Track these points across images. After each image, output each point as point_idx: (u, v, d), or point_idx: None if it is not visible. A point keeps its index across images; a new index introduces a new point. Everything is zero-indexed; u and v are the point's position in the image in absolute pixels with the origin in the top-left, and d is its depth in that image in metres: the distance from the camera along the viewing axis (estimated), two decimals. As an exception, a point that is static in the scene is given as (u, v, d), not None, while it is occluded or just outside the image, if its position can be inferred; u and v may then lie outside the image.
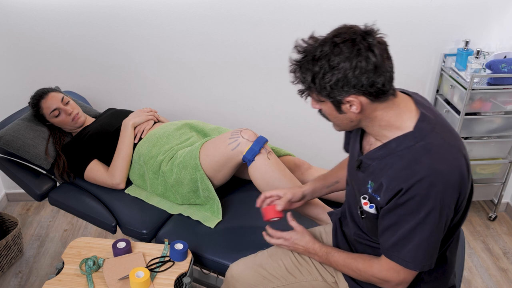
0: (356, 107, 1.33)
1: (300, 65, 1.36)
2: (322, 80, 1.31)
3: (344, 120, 1.41)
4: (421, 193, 1.30)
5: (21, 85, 2.94)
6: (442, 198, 1.30)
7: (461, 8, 2.81)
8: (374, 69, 1.28)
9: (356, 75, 1.27)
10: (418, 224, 1.33)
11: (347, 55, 1.27)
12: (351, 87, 1.29)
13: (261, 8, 2.76)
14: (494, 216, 3.23)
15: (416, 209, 1.32)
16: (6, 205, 3.37)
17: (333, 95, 1.33)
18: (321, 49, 1.31)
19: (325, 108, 1.41)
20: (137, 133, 2.42)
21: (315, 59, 1.31)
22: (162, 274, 1.82)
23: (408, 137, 1.36)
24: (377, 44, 1.29)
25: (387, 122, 1.38)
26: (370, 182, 1.45)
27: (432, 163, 1.30)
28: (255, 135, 2.10)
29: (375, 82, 1.29)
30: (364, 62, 1.27)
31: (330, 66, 1.29)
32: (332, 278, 1.76)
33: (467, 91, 2.67)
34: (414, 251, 1.37)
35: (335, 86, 1.30)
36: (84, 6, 2.71)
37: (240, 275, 1.81)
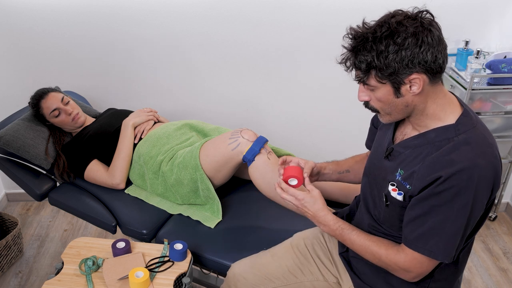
0: (418, 86, 1.32)
1: (359, 48, 1.32)
2: (386, 58, 1.28)
3: (400, 105, 1.38)
4: (460, 184, 1.29)
5: (21, 85, 2.94)
6: (478, 192, 1.30)
7: (461, 8, 2.80)
8: (438, 43, 1.28)
9: (422, 50, 1.27)
10: (451, 215, 1.33)
11: (412, 30, 1.26)
12: (417, 63, 1.28)
13: (261, 8, 2.76)
14: (494, 216, 3.23)
15: (450, 200, 1.32)
16: (6, 205, 3.37)
17: (396, 74, 1.30)
18: (380, 29, 1.29)
19: (381, 94, 1.37)
20: (137, 133, 2.42)
21: (377, 39, 1.29)
22: (161, 274, 1.82)
23: (449, 129, 1.37)
24: (434, 20, 1.31)
25: (433, 111, 1.38)
26: (399, 170, 1.45)
27: (473, 156, 1.30)
28: (255, 135, 2.10)
29: (438, 57, 1.29)
30: (429, 37, 1.27)
31: (396, 43, 1.27)
32: (334, 278, 1.76)
33: (467, 91, 2.67)
34: (445, 242, 1.36)
35: (401, 63, 1.28)
36: (84, 6, 2.71)
37: (241, 275, 1.81)
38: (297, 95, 3.06)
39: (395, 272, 1.49)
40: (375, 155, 1.61)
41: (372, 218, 1.61)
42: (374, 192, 1.59)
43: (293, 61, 2.93)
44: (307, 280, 1.76)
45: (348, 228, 1.57)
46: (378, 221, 1.58)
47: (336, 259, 1.78)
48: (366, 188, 1.65)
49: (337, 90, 2.97)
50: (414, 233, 1.40)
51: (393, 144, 1.51)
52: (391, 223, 1.53)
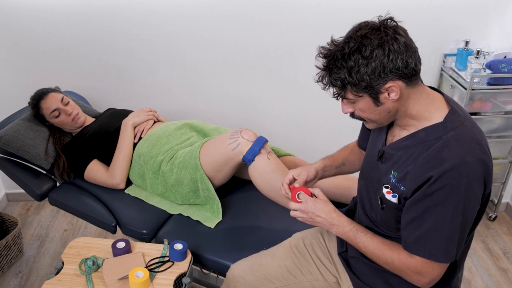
0: (395, 92, 1.34)
1: (330, 67, 1.36)
2: (358, 73, 1.31)
3: (382, 112, 1.40)
4: (452, 183, 1.30)
5: (21, 85, 2.94)
6: (470, 189, 1.31)
7: (461, 8, 2.80)
8: (405, 49, 1.30)
9: (391, 59, 1.29)
10: (446, 215, 1.33)
11: (377, 42, 1.29)
12: (388, 72, 1.30)
13: (261, 8, 2.76)
14: (494, 216, 3.23)
15: (444, 200, 1.32)
16: (6, 205, 3.37)
17: (371, 86, 1.33)
18: (348, 45, 1.32)
19: (361, 105, 1.40)
20: (137, 133, 2.42)
21: (346, 56, 1.32)
22: (161, 274, 1.82)
23: (438, 128, 1.38)
24: (400, 27, 1.34)
25: (417, 112, 1.40)
26: (393, 172, 1.45)
27: (463, 153, 1.31)
28: (255, 135, 2.10)
29: (408, 62, 1.31)
30: (395, 45, 1.29)
31: (364, 56, 1.29)
32: (333, 278, 1.76)
33: (467, 91, 2.67)
34: (444, 243, 1.37)
35: (373, 75, 1.30)
36: (84, 6, 2.71)
37: (241, 276, 1.81)
38: (297, 95, 3.06)
39: (409, 277, 1.46)
40: (369, 157, 1.62)
41: (370, 220, 1.62)
42: (370, 194, 1.59)
43: (293, 61, 2.93)
44: (306, 280, 1.76)
45: (362, 230, 1.55)
46: (375, 223, 1.59)
47: (335, 259, 1.78)
48: (363, 190, 1.65)
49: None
50: (412, 236, 1.40)
51: (384, 146, 1.52)
52: (388, 225, 1.53)
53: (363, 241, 1.53)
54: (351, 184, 2.23)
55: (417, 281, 1.45)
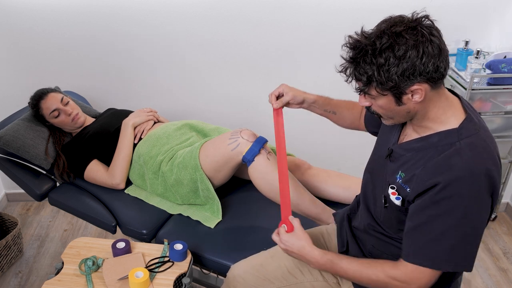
0: (419, 95, 1.30)
1: (358, 60, 1.30)
2: (387, 72, 1.26)
3: (402, 112, 1.37)
4: (460, 192, 1.28)
5: (21, 85, 2.94)
6: (480, 200, 1.29)
7: (461, 8, 2.80)
8: (439, 52, 1.26)
9: (423, 62, 1.24)
10: (452, 224, 1.31)
11: (413, 42, 1.24)
12: (418, 75, 1.26)
13: (261, 8, 2.76)
14: (494, 216, 3.23)
15: (451, 209, 1.30)
16: (6, 205, 3.37)
17: (398, 86, 1.28)
18: (380, 41, 1.26)
19: (382, 102, 1.36)
20: (137, 133, 2.42)
21: (377, 52, 1.26)
22: (161, 275, 1.82)
23: (452, 134, 1.35)
24: (435, 27, 1.29)
25: (434, 115, 1.37)
26: (400, 172, 1.44)
27: (474, 163, 1.28)
28: (254, 136, 2.10)
29: (439, 66, 1.27)
30: (430, 47, 1.25)
31: (397, 56, 1.24)
32: (334, 279, 1.75)
33: (467, 91, 2.67)
34: (448, 252, 1.34)
35: (402, 76, 1.26)
36: (84, 6, 2.71)
37: (241, 276, 1.81)
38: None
39: (395, 287, 1.44)
40: (378, 153, 1.60)
41: (372, 218, 1.61)
42: (375, 190, 1.58)
43: (293, 61, 2.93)
44: (306, 280, 1.76)
45: (337, 258, 1.53)
46: (378, 220, 1.58)
47: None
48: (368, 185, 1.64)
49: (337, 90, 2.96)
50: (415, 245, 1.39)
51: (395, 145, 1.51)
52: (390, 224, 1.52)
53: (341, 267, 1.52)
54: (351, 184, 2.23)
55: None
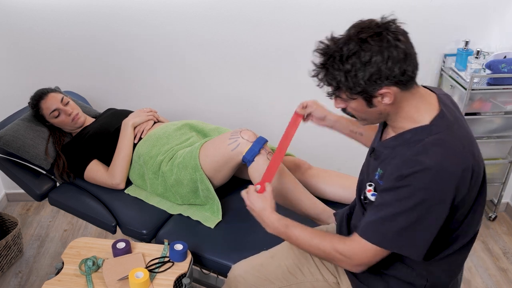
0: (389, 98, 1.34)
1: (327, 67, 1.35)
2: (355, 77, 1.31)
3: (374, 113, 1.41)
4: (418, 184, 1.31)
5: (21, 85, 2.94)
6: (438, 193, 1.31)
7: (461, 8, 2.80)
8: (405, 57, 1.29)
9: (389, 66, 1.28)
10: (405, 210, 1.34)
11: (377, 48, 1.28)
12: (385, 79, 1.30)
13: (261, 8, 2.76)
14: (494, 216, 3.23)
15: (408, 197, 1.33)
16: (6, 205, 3.37)
17: (366, 91, 1.33)
18: (347, 47, 1.30)
19: (354, 105, 1.41)
20: (137, 133, 2.42)
21: (344, 58, 1.31)
22: (161, 275, 1.82)
23: (424, 130, 1.37)
24: (400, 32, 1.32)
25: (407, 114, 1.40)
26: (379, 169, 1.47)
27: (439, 157, 1.30)
28: (254, 136, 2.10)
29: (406, 70, 1.30)
30: (395, 52, 1.28)
31: (362, 62, 1.29)
32: (334, 279, 1.76)
33: (467, 91, 2.67)
34: (394, 234, 1.37)
35: (369, 81, 1.30)
36: (84, 6, 2.71)
37: (242, 276, 1.81)
38: (297, 95, 3.05)
39: (338, 261, 1.49)
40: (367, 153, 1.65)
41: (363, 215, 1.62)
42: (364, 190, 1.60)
43: (293, 61, 2.93)
44: (307, 280, 1.76)
45: (292, 225, 1.59)
46: None
47: None
48: (361, 185, 1.66)
49: (337, 90, 2.97)
50: (368, 221, 1.42)
51: (377, 143, 1.54)
52: None
53: (293, 233, 1.57)
54: (351, 184, 2.23)
55: (346, 264, 1.48)
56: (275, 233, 1.62)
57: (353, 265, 1.46)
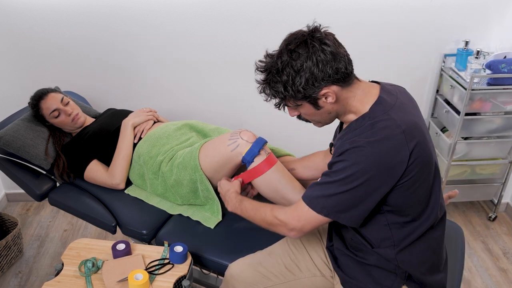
0: (331, 97, 1.46)
1: (268, 81, 1.50)
2: (293, 85, 1.43)
3: (324, 114, 1.53)
4: (348, 159, 1.42)
5: (21, 85, 2.94)
6: (366, 170, 1.40)
7: (461, 8, 2.80)
8: (333, 57, 1.41)
9: (320, 68, 1.40)
10: (335, 181, 1.45)
11: (305, 55, 1.40)
12: (320, 80, 1.41)
13: (261, 8, 2.76)
14: (494, 216, 3.23)
15: (338, 171, 1.44)
16: (6, 205, 3.37)
17: (308, 95, 1.44)
18: (280, 60, 1.44)
19: (304, 110, 1.54)
20: (137, 133, 2.42)
21: (279, 71, 1.44)
22: (161, 277, 1.82)
23: (364, 118, 1.49)
24: (326, 36, 1.43)
25: (353, 108, 1.51)
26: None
27: (370, 137, 1.41)
28: (254, 137, 2.10)
29: (338, 68, 1.42)
30: (322, 55, 1.40)
31: (295, 70, 1.42)
32: (330, 273, 1.78)
33: (467, 91, 2.67)
34: (324, 200, 1.48)
35: (307, 85, 1.42)
36: (84, 6, 2.71)
37: (239, 274, 1.82)
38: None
39: (276, 227, 1.61)
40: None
41: None
42: None
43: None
44: (304, 276, 1.78)
45: (246, 200, 1.77)
46: None
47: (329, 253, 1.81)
48: None
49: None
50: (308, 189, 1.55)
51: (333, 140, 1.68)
52: None
53: (245, 206, 1.75)
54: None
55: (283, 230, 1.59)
56: (233, 209, 1.80)
57: (287, 229, 1.57)
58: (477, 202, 3.40)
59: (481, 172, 3.06)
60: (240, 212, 1.76)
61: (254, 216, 1.70)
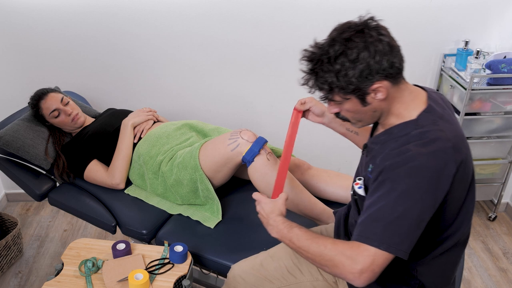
0: (382, 93, 1.36)
1: (317, 71, 1.37)
2: (345, 76, 1.32)
3: (368, 112, 1.42)
4: (399, 174, 1.31)
5: (21, 85, 2.94)
6: (420, 185, 1.30)
7: (461, 8, 2.80)
8: (390, 49, 1.33)
9: (377, 60, 1.31)
10: (389, 203, 1.32)
11: (362, 44, 1.30)
12: (375, 73, 1.32)
13: (261, 8, 2.76)
14: (494, 216, 3.23)
15: (390, 189, 1.32)
16: (6, 205, 3.37)
17: (359, 87, 1.34)
18: (333, 49, 1.32)
19: (348, 106, 1.42)
20: (137, 133, 2.42)
21: (332, 60, 1.33)
22: (161, 277, 1.82)
23: (410, 125, 1.39)
24: (382, 27, 1.35)
25: (397, 110, 1.42)
26: (370, 165, 1.47)
27: (421, 150, 1.31)
28: (254, 136, 2.10)
29: (394, 62, 1.33)
30: (380, 46, 1.31)
31: (350, 60, 1.31)
32: (333, 278, 1.76)
33: (467, 91, 2.67)
34: (382, 229, 1.32)
35: (360, 77, 1.32)
36: (84, 6, 2.71)
37: (241, 276, 1.82)
38: (297, 95, 3.05)
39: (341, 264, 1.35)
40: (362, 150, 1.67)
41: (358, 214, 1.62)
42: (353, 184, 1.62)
43: (293, 61, 2.91)
44: (306, 280, 1.77)
45: (296, 226, 1.53)
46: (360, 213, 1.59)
47: None
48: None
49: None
50: (359, 223, 1.38)
51: (370, 139, 1.56)
52: None
53: (296, 234, 1.50)
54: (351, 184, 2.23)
55: (350, 269, 1.33)
56: (280, 236, 1.56)
57: (357, 270, 1.33)
58: (477, 202, 3.40)
59: (481, 172, 3.06)
60: (289, 241, 1.52)
61: (309, 247, 1.45)
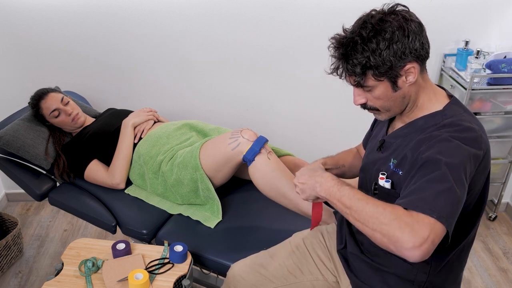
0: (413, 74, 1.36)
1: (349, 53, 1.35)
2: (381, 55, 1.32)
3: (398, 98, 1.41)
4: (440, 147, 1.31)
5: (21, 85, 2.94)
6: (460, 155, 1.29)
7: (461, 8, 2.80)
8: (421, 29, 1.35)
9: (411, 40, 1.32)
10: (437, 176, 1.26)
11: (396, 24, 1.31)
12: (408, 53, 1.32)
13: (261, 8, 2.75)
14: (494, 216, 3.23)
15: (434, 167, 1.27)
16: (6, 205, 3.37)
17: (393, 67, 1.33)
18: (365, 30, 1.33)
19: (379, 91, 1.39)
20: (137, 133, 2.42)
21: (366, 39, 1.32)
22: (161, 276, 1.82)
23: (437, 115, 1.42)
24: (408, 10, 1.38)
25: (422, 102, 1.44)
26: (392, 160, 1.47)
27: (455, 135, 1.32)
28: (255, 135, 2.10)
29: (424, 43, 1.35)
30: (413, 25, 1.32)
31: (386, 38, 1.31)
32: (333, 278, 1.76)
33: (467, 91, 2.67)
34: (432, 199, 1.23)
35: (395, 56, 1.32)
36: (84, 6, 2.71)
37: (241, 275, 1.81)
38: (297, 95, 3.06)
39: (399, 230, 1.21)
40: (370, 151, 1.65)
41: None
42: (367, 186, 1.61)
43: (293, 61, 2.93)
44: (306, 280, 1.76)
45: (347, 185, 1.43)
46: None
47: (335, 258, 1.78)
48: (363, 183, 1.67)
49: (336, 90, 2.96)
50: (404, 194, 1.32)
51: (385, 136, 1.56)
52: None
53: (348, 192, 1.38)
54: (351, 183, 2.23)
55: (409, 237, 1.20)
56: (328, 193, 1.44)
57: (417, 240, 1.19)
58: (477, 202, 3.40)
59: (481, 172, 3.05)
60: (337, 200, 1.39)
61: (364, 208, 1.31)
